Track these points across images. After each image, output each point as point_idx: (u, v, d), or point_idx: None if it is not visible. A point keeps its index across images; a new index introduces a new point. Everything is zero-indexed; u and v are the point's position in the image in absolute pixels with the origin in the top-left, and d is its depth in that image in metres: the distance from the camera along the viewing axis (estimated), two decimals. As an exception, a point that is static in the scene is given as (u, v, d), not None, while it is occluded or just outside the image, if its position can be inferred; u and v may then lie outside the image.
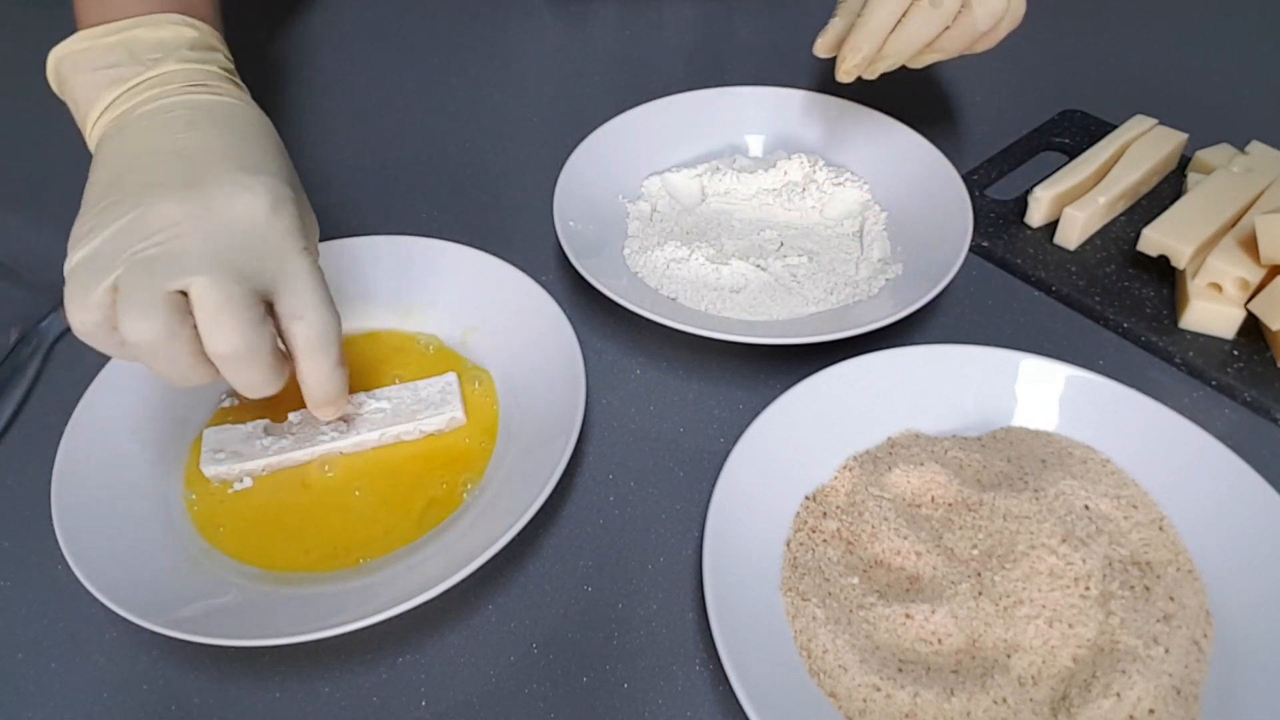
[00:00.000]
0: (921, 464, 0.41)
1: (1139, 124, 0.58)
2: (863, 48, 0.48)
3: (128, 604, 0.36)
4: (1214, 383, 0.47)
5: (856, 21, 0.48)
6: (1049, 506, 0.38)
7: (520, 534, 0.38)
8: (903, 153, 0.57)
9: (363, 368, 0.48)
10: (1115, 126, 0.59)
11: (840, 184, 0.56)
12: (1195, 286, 0.48)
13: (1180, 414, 0.41)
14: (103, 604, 0.36)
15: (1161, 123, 0.58)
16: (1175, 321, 0.49)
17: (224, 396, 0.47)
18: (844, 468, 0.42)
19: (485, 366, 0.48)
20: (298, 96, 0.69)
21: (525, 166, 0.62)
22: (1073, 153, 0.60)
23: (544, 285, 0.48)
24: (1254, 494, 0.38)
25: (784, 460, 0.41)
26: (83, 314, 0.36)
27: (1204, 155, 0.56)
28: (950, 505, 0.40)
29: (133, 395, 0.45)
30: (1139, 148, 0.56)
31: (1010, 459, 0.41)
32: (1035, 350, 0.49)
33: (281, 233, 0.38)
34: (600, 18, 0.77)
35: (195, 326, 0.36)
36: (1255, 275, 0.47)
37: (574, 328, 0.46)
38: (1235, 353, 0.48)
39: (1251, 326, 0.48)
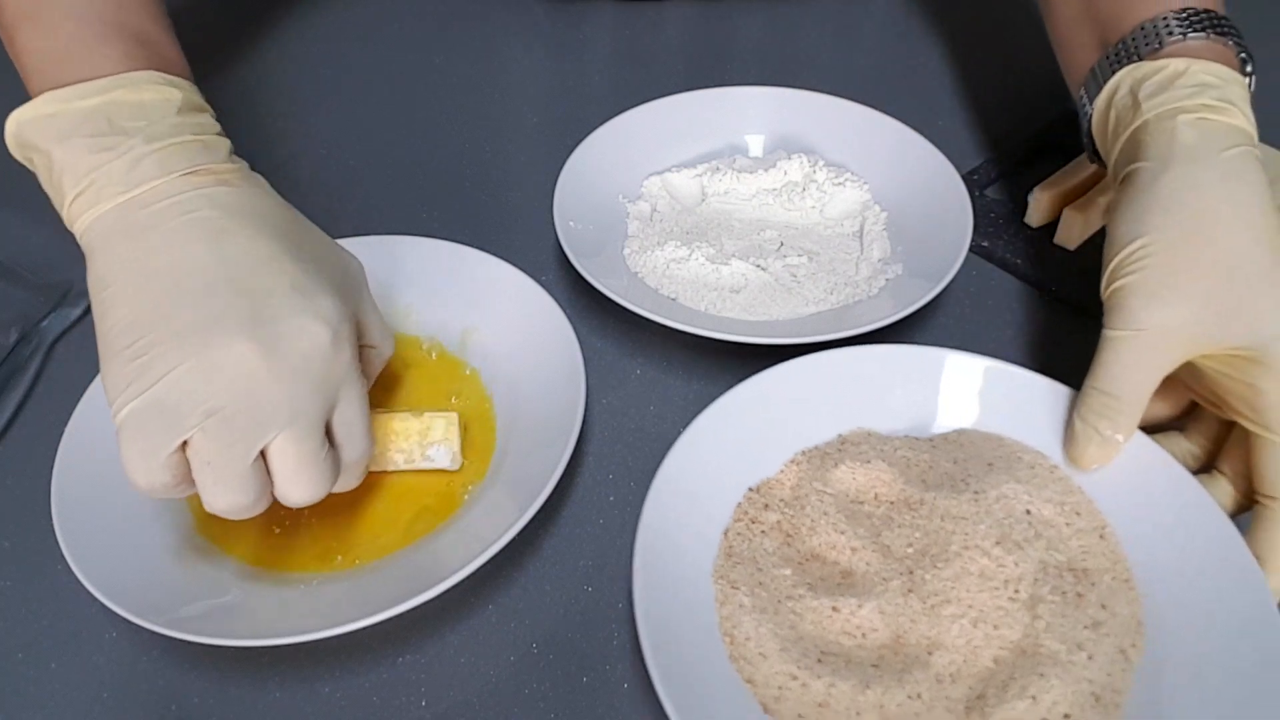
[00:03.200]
0: (868, 461, 0.41)
1: (1139, 124, 0.58)
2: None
3: (128, 604, 0.36)
4: (1214, 383, 0.47)
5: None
6: (987, 509, 0.38)
7: (520, 534, 0.38)
8: (903, 153, 0.57)
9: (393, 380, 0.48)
10: (1115, 126, 0.59)
11: (840, 184, 0.56)
12: (1195, 286, 0.48)
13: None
14: (103, 604, 0.36)
15: (1161, 123, 0.58)
16: (1175, 321, 0.49)
17: None
18: (792, 462, 0.42)
19: (486, 366, 0.48)
20: (296, 98, 0.69)
21: (525, 167, 0.62)
22: (1073, 153, 0.60)
23: (544, 285, 0.48)
24: (1198, 509, 0.38)
25: (730, 452, 0.41)
26: (150, 475, 0.34)
27: (1204, 155, 0.56)
28: (892, 503, 0.40)
29: (133, 395, 0.45)
30: (1139, 148, 0.56)
31: (957, 460, 0.41)
32: (1035, 351, 0.50)
33: (344, 365, 0.37)
34: (599, 18, 0.77)
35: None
36: (1255, 275, 0.47)
37: (574, 328, 0.46)
38: (1235, 353, 0.48)
39: (1251, 326, 0.48)
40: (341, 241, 0.51)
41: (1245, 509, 0.39)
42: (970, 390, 0.43)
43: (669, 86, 0.62)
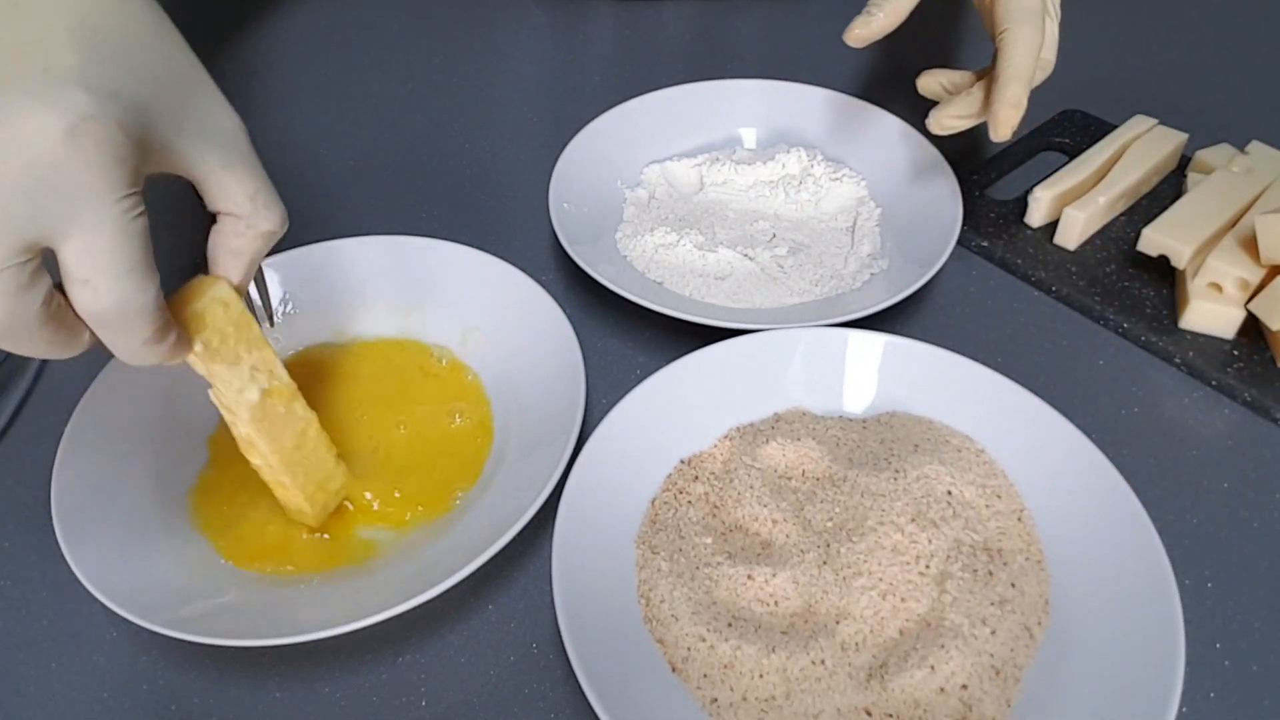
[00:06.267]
0: (798, 439, 0.42)
1: (1139, 124, 0.58)
2: (1023, 102, 0.46)
3: (128, 604, 0.36)
4: (1214, 383, 0.47)
5: (1007, 73, 0.46)
6: (905, 487, 0.40)
7: (520, 534, 0.38)
8: (901, 150, 0.57)
9: (389, 388, 0.48)
10: (1115, 126, 0.59)
11: (838, 179, 0.57)
12: (1195, 286, 0.48)
13: (1057, 411, 0.41)
14: (103, 604, 0.36)
15: (1161, 123, 0.58)
16: (1175, 321, 0.49)
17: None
18: (725, 437, 0.43)
19: (485, 367, 0.48)
20: (294, 97, 0.69)
21: (526, 167, 0.62)
22: (1073, 153, 0.60)
23: (544, 285, 0.48)
24: (1114, 496, 0.39)
25: (665, 424, 0.43)
26: None
27: (1204, 155, 0.56)
28: (818, 480, 0.41)
29: (133, 395, 0.45)
30: (1139, 148, 0.56)
31: (884, 440, 0.42)
32: (1034, 350, 0.50)
33: (79, 166, 0.28)
34: (599, 17, 0.77)
35: None
36: (1255, 275, 0.47)
37: (574, 327, 0.46)
38: (1235, 353, 0.48)
39: (1251, 326, 0.48)
40: (342, 241, 0.51)
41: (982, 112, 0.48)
42: (906, 374, 0.45)
43: (670, 83, 0.62)
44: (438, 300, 0.50)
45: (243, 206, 0.35)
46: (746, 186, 0.57)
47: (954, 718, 0.34)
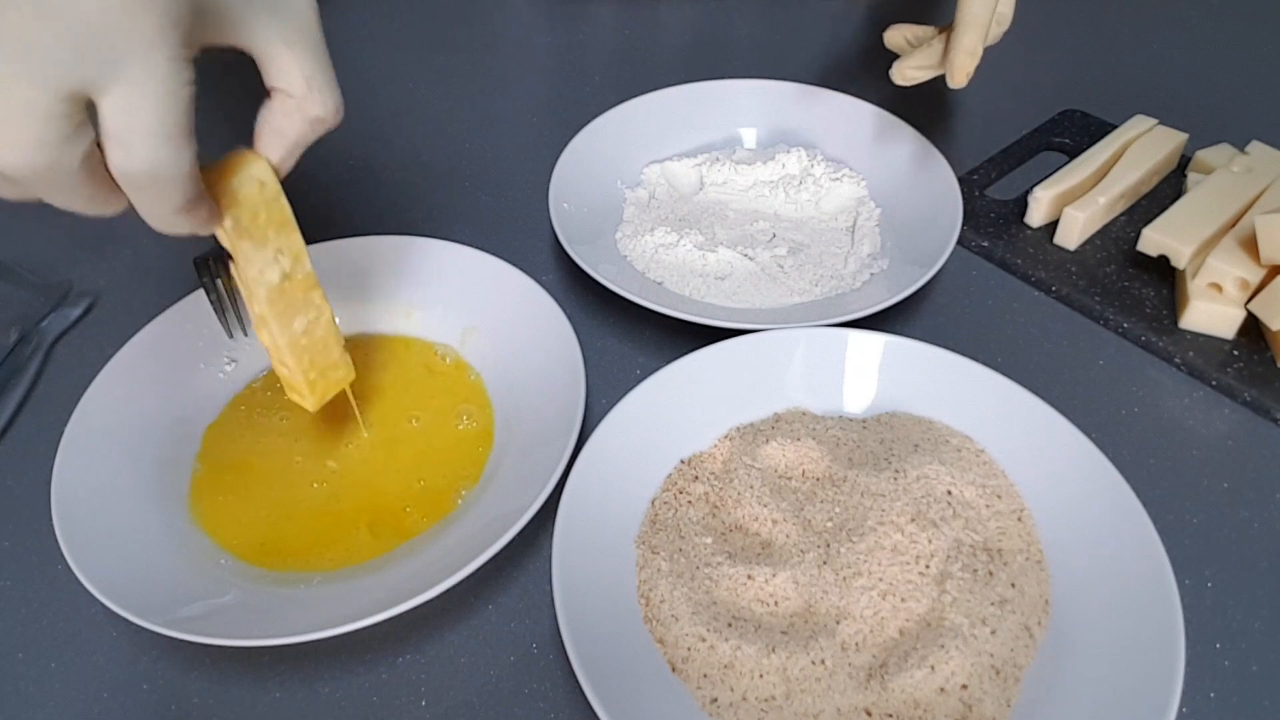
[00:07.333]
0: (798, 439, 0.42)
1: (1139, 124, 0.58)
2: (978, 50, 0.49)
3: (128, 604, 0.36)
4: (1214, 383, 0.47)
5: (963, 23, 0.48)
6: (905, 487, 0.40)
7: (520, 534, 0.38)
8: (901, 150, 0.58)
9: (394, 382, 0.48)
10: (1115, 126, 0.59)
11: (837, 179, 0.57)
12: (1195, 286, 0.48)
13: (1057, 410, 0.41)
14: (103, 604, 0.36)
15: (1161, 123, 0.58)
16: (1175, 321, 0.49)
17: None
18: (725, 437, 0.43)
19: (485, 366, 0.48)
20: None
21: (526, 167, 0.62)
22: (1073, 153, 0.60)
23: (544, 285, 0.48)
24: (1114, 496, 0.39)
25: (665, 425, 0.43)
26: None
27: (1204, 155, 0.56)
28: (818, 480, 0.41)
29: (133, 395, 0.45)
30: (1139, 148, 0.56)
31: (884, 440, 0.42)
32: (1035, 351, 0.50)
33: (131, 18, 0.28)
34: (598, 18, 0.77)
35: None
36: (1255, 275, 0.47)
37: (574, 327, 0.46)
38: (1235, 353, 0.48)
39: (1251, 326, 0.48)
40: (343, 242, 0.51)
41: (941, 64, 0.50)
42: (906, 373, 0.45)
43: (669, 84, 0.62)
44: (438, 300, 0.50)
45: (297, 87, 0.35)
46: (746, 186, 0.57)
47: (954, 718, 0.34)
